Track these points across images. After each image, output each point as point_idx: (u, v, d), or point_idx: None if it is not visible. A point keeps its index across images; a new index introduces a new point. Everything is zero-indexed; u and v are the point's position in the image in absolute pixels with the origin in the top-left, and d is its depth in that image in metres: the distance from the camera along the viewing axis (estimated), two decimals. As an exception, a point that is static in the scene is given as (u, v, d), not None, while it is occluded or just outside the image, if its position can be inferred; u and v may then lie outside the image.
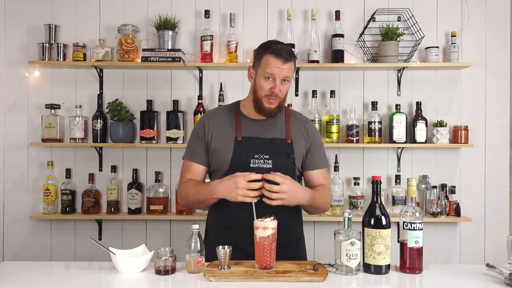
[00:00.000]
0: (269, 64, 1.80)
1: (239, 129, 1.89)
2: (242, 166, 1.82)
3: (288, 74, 1.82)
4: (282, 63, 1.80)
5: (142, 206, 3.05)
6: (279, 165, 1.84)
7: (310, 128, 1.98)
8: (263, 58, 1.83)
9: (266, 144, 1.87)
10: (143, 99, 3.08)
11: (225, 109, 2.00)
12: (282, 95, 1.86)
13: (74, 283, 1.54)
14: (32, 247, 3.08)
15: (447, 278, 1.60)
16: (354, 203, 2.95)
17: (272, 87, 1.82)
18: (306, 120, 2.02)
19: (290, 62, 1.82)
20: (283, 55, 1.80)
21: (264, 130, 1.90)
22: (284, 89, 1.85)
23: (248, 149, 1.86)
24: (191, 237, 1.60)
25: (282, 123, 1.94)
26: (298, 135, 1.94)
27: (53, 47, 3.00)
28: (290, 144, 1.89)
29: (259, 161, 1.85)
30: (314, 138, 1.97)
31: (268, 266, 1.58)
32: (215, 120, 1.94)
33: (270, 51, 1.82)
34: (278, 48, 1.82)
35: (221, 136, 1.90)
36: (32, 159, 3.09)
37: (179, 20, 3.08)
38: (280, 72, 1.80)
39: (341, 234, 1.58)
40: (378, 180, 1.65)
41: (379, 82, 3.12)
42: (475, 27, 3.11)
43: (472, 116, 3.11)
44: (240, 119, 1.92)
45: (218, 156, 1.88)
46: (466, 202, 3.08)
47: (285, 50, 1.82)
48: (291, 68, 1.84)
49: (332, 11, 3.08)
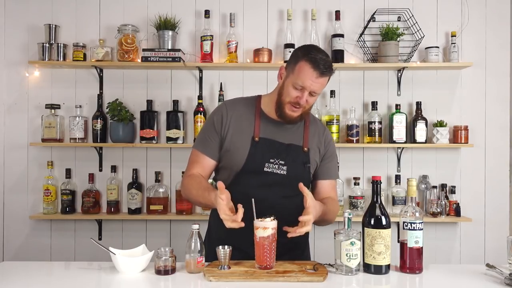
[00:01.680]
0: (303, 73, 1.68)
1: (257, 128, 1.79)
2: (256, 169, 1.76)
3: (319, 90, 1.72)
4: (316, 76, 1.68)
5: (142, 206, 3.04)
6: (294, 172, 1.78)
7: (327, 137, 1.91)
8: (299, 64, 1.70)
9: (283, 149, 1.79)
10: (143, 99, 3.08)
11: (245, 103, 1.88)
12: (308, 106, 1.76)
13: (74, 283, 1.54)
14: (32, 247, 3.08)
15: (447, 278, 1.60)
16: (354, 203, 2.95)
17: (299, 97, 1.71)
18: (324, 129, 1.94)
19: (326, 77, 1.71)
20: (321, 68, 1.67)
21: (282, 134, 1.82)
22: (311, 101, 1.75)
23: (264, 151, 1.77)
24: (191, 237, 1.60)
25: (301, 129, 1.86)
26: (315, 144, 1.86)
27: (53, 47, 3.00)
28: (306, 153, 1.82)
29: (273, 165, 1.77)
30: (330, 147, 1.91)
31: (268, 266, 1.58)
32: (234, 113, 1.82)
33: (308, 59, 1.68)
34: (317, 58, 1.67)
35: (238, 133, 1.80)
36: (32, 159, 3.09)
37: (179, 20, 3.08)
38: (313, 85, 1.69)
39: (341, 234, 1.58)
40: (378, 180, 1.65)
41: (379, 82, 3.12)
42: (475, 27, 3.11)
43: (472, 116, 3.11)
44: (260, 117, 1.82)
45: (232, 154, 1.79)
46: (466, 202, 3.08)
47: (324, 62, 1.68)
48: (324, 83, 1.73)
49: (332, 11, 3.08)
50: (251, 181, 1.77)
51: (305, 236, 1.93)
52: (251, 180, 1.77)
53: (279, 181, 1.78)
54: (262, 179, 1.77)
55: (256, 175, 1.77)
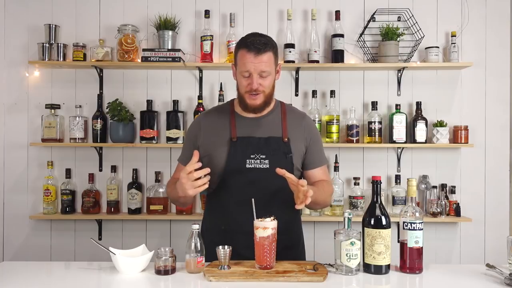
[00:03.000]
0: (242, 59, 1.74)
1: (233, 129, 1.84)
2: (238, 167, 1.79)
3: (265, 68, 1.74)
4: (254, 56, 1.72)
5: (142, 206, 3.04)
6: (276, 164, 1.78)
7: (307, 124, 1.92)
8: (238, 54, 1.78)
9: (262, 143, 1.82)
10: (143, 99, 3.08)
11: (219, 109, 1.97)
12: (265, 89, 1.78)
13: (74, 283, 1.54)
14: (32, 247, 3.08)
15: (447, 278, 1.60)
16: (354, 203, 2.95)
17: (250, 83, 1.75)
18: (303, 116, 1.95)
19: (265, 53, 1.73)
20: (256, 47, 1.72)
21: (260, 129, 1.85)
22: (265, 83, 1.76)
23: (244, 149, 1.80)
24: (191, 237, 1.60)
25: (279, 120, 1.88)
26: (296, 133, 1.87)
27: (53, 47, 3.00)
28: (287, 143, 1.83)
29: (255, 161, 1.80)
30: (313, 134, 1.92)
31: (268, 266, 1.58)
32: (208, 121, 1.91)
33: (242, 45, 1.76)
34: (249, 41, 1.74)
35: (215, 138, 1.85)
36: (32, 159, 3.09)
37: (179, 20, 3.08)
38: (255, 66, 1.72)
39: (341, 234, 1.58)
40: (378, 180, 1.65)
41: (379, 82, 3.12)
42: (475, 27, 3.11)
43: (472, 116, 3.11)
44: (234, 119, 1.87)
45: (213, 158, 1.83)
46: (466, 202, 3.08)
47: (257, 42, 1.73)
48: (269, 60, 1.75)
49: (332, 11, 3.08)
50: (236, 180, 1.80)
51: (297, 233, 1.95)
52: (235, 179, 1.80)
53: (263, 176, 1.79)
54: (246, 176, 1.79)
55: (239, 173, 1.79)
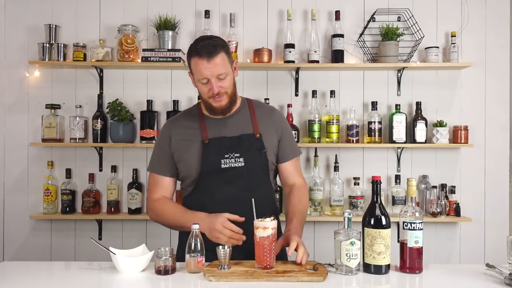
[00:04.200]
0: (196, 67, 1.71)
1: (204, 131, 1.82)
2: (213, 168, 1.78)
3: (220, 70, 1.71)
4: (207, 61, 1.69)
5: (142, 206, 3.04)
6: (251, 162, 1.79)
7: (277, 118, 1.91)
8: (191, 63, 1.75)
9: (234, 142, 1.80)
10: (143, 99, 3.08)
11: (186, 114, 1.93)
12: (227, 90, 1.76)
13: (74, 283, 1.54)
14: (32, 247, 3.08)
15: (447, 278, 1.60)
16: (354, 203, 2.95)
17: (211, 88, 1.72)
18: (272, 110, 1.95)
19: (217, 56, 1.70)
20: (207, 52, 1.69)
21: (230, 128, 1.83)
22: (225, 84, 1.74)
23: (217, 150, 1.79)
24: (191, 237, 1.60)
25: (248, 117, 1.86)
26: (267, 127, 1.86)
27: (53, 47, 3.00)
28: (259, 139, 1.82)
29: (230, 160, 1.79)
30: (283, 127, 1.90)
31: (268, 266, 1.58)
32: (177, 127, 1.87)
33: (193, 52, 1.72)
34: (199, 47, 1.70)
35: (186, 141, 1.83)
36: (32, 159, 3.09)
37: (179, 20, 3.08)
38: (211, 71, 1.70)
39: (341, 234, 1.58)
40: (378, 180, 1.65)
41: (379, 82, 3.12)
42: (475, 27, 3.11)
43: (472, 116, 3.11)
44: (204, 121, 1.85)
45: (187, 162, 1.81)
46: (466, 202, 3.08)
47: (207, 46, 1.69)
48: (222, 61, 1.71)
49: (332, 11, 3.08)
50: (213, 181, 1.79)
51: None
52: (212, 180, 1.79)
53: (239, 174, 1.79)
54: (223, 176, 1.79)
55: (215, 174, 1.79)
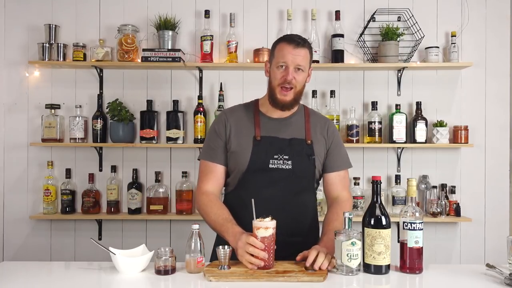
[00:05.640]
0: (281, 51, 1.79)
1: (258, 128, 1.84)
2: (261, 167, 1.79)
3: (301, 62, 1.78)
4: (293, 48, 1.77)
5: (142, 206, 3.04)
6: (299, 166, 1.80)
7: (330, 128, 1.93)
8: (276, 47, 1.82)
9: (285, 144, 1.82)
10: (143, 99, 3.08)
11: (243, 107, 1.95)
12: (297, 85, 1.79)
13: (74, 283, 1.54)
14: (32, 247, 3.08)
15: (447, 278, 1.60)
16: (354, 203, 2.95)
17: (285, 75, 1.77)
18: (326, 120, 1.97)
19: (303, 48, 1.79)
20: (295, 40, 1.79)
21: (283, 130, 1.85)
22: (299, 78, 1.79)
23: (268, 149, 1.81)
24: (191, 237, 1.60)
25: (302, 122, 1.89)
26: (318, 136, 1.88)
27: (53, 47, 3.00)
28: (310, 145, 1.84)
29: (278, 161, 1.80)
30: (334, 138, 1.92)
31: (268, 266, 1.58)
32: (234, 118, 1.89)
33: (282, 38, 1.84)
34: (289, 36, 1.85)
35: (240, 135, 1.84)
36: (32, 159, 3.09)
37: (179, 20, 3.08)
38: (293, 58, 1.76)
39: (342, 235, 1.58)
40: (378, 180, 1.65)
41: (379, 82, 3.12)
42: (475, 27, 3.11)
43: (472, 116, 3.11)
44: (259, 118, 1.87)
45: (237, 156, 1.82)
46: (466, 202, 3.08)
47: (297, 37, 1.82)
48: (305, 56, 1.79)
49: (332, 11, 3.08)
50: (258, 179, 1.80)
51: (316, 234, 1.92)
52: (258, 178, 1.80)
53: (285, 177, 1.80)
54: (269, 176, 1.79)
55: (262, 173, 1.80)
